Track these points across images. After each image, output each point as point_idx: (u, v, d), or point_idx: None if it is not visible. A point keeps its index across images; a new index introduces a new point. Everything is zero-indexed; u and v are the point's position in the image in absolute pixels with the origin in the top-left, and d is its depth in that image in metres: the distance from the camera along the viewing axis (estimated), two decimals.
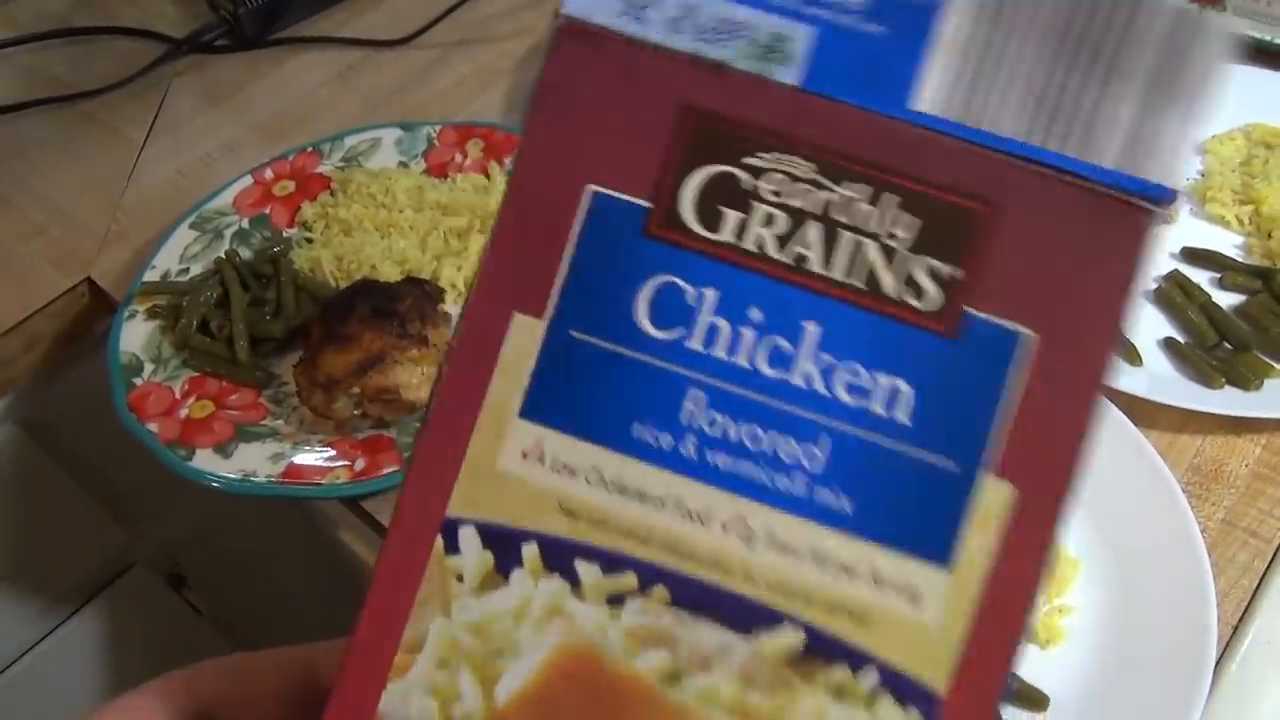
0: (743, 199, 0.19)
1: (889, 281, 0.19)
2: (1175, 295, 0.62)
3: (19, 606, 0.83)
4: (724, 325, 0.19)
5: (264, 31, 0.90)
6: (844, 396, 0.19)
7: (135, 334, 0.63)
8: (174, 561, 0.91)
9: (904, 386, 0.19)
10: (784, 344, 0.19)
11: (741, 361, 0.19)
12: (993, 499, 0.19)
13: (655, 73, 0.19)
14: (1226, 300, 0.62)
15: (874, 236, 0.19)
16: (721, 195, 0.19)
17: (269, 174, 0.73)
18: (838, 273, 0.19)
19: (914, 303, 0.19)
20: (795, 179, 0.19)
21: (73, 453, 0.80)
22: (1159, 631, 0.48)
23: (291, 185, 0.72)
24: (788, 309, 0.19)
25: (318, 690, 0.22)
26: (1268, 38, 0.76)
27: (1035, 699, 0.48)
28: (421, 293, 0.60)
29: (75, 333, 0.72)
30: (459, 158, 0.73)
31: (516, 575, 0.20)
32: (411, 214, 0.69)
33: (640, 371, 0.19)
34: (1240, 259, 0.65)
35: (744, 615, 0.19)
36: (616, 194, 0.19)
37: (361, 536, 0.65)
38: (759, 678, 0.19)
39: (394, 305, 0.59)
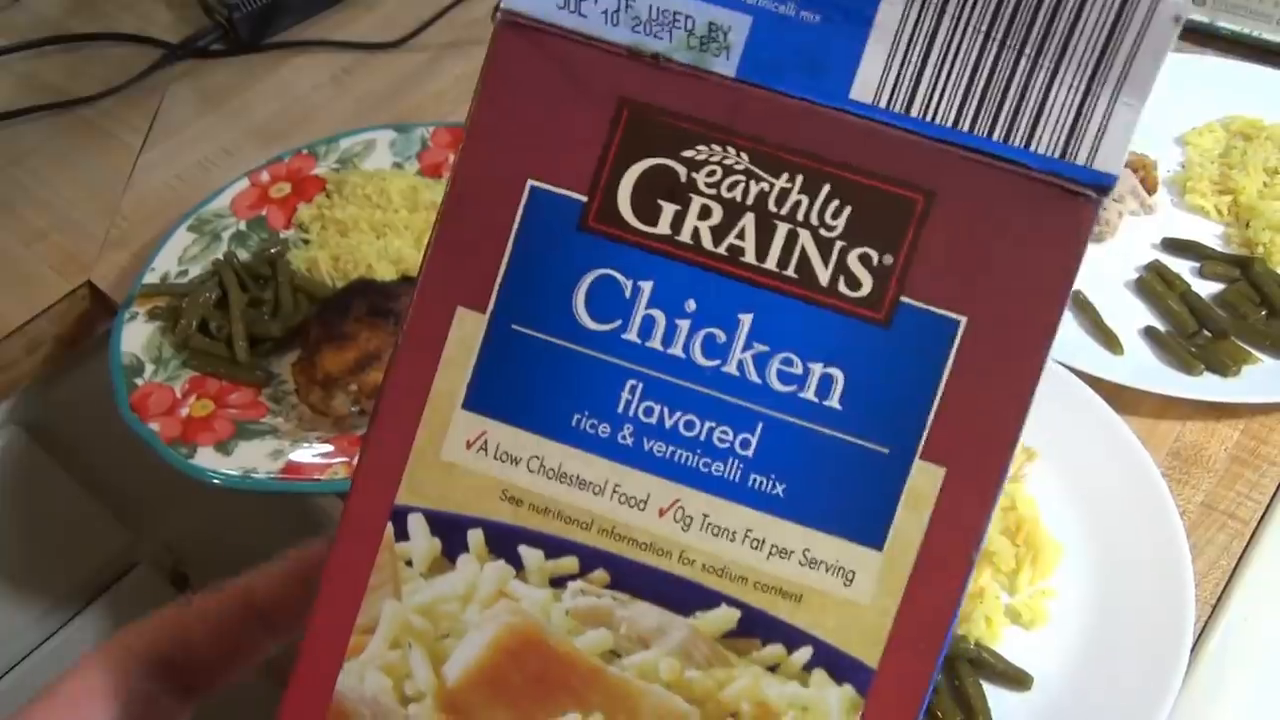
0: (679, 192, 0.19)
1: (822, 271, 0.19)
2: (1156, 284, 0.63)
3: (24, 608, 0.84)
4: (660, 317, 0.20)
5: (258, 36, 0.91)
6: (777, 385, 0.20)
7: (136, 335, 0.64)
8: (177, 560, 0.92)
9: (837, 374, 0.19)
10: (719, 334, 0.20)
11: (677, 352, 0.20)
12: (924, 482, 0.19)
13: (593, 66, 0.19)
14: (1206, 289, 0.63)
15: (808, 226, 0.19)
16: (658, 188, 0.20)
17: (265, 176, 0.74)
18: (772, 263, 0.19)
19: (848, 291, 0.19)
20: (731, 171, 0.19)
21: (75, 454, 0.81)
22: (1139, 612, 0.50)
23: (288, 187, 0.73)
24: (722, 300, 0.20)
25: (257, 613, 0.24)
26: (1246, 30, 0.77)
27: (1019, 679, 0.49)
28: None
29: (76, 335, 0.74)
30: (453, 158, 0.74)
31: (463, 560, 0.20)
32: (406, 214, 0.70)
33: (579, 363, 0.20)
34: (1219, 248, 0.66)
35: (681, 596, 0.20)
36: (555, 188, 0.20)
37: None
38: (696, 655, 0.20)
39: (390, 304, 0.60)
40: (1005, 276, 0.19)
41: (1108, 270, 0.65)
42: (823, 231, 0.19)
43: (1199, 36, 0.79)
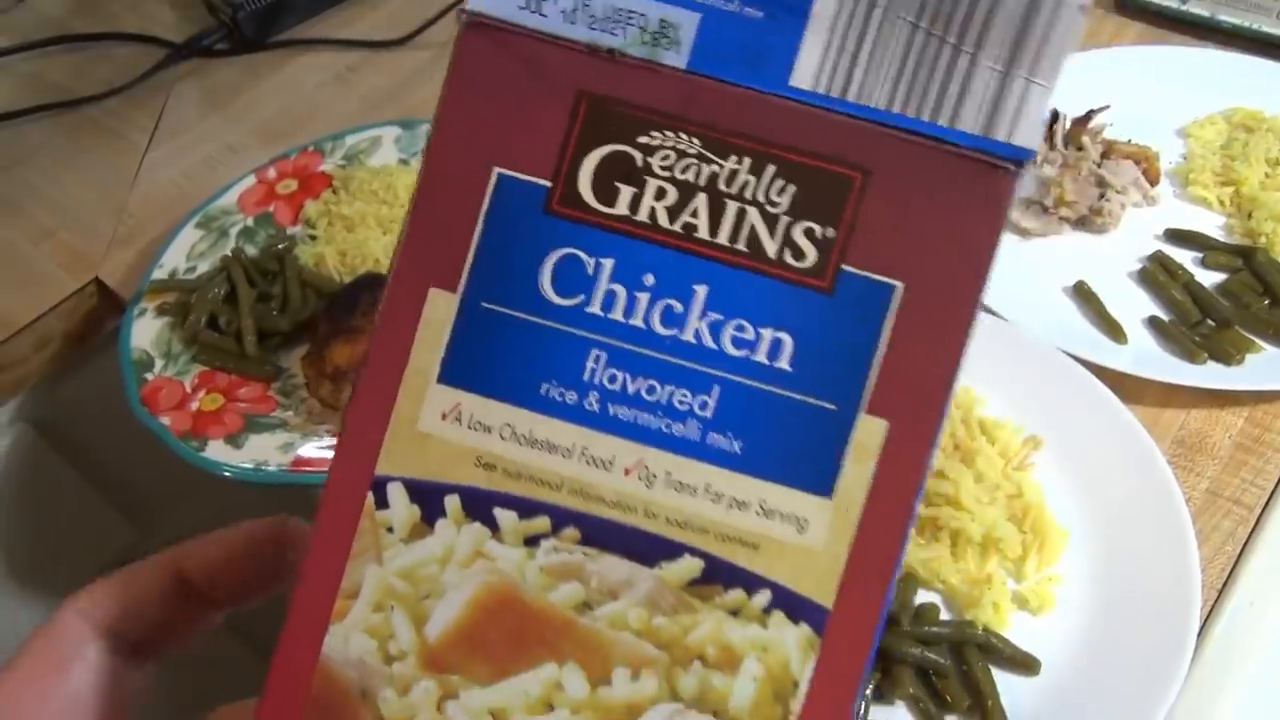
0: (636, 175, 0.21)
1: (770, 244, 0.21)
2: (1159, 274, 0.64)
3: (31, 604, 0.85)
4: (621, 291, 0.21)
5: (262, 35, 0.91)
6: (731, 349, 0.21)
7: (145, 331, 0.64)
8: None
9: (786, 338, 0.21)
10: (676, 305, 0.21)
11: (637, 322, 0.21)
12: (868, 434, 0.21)
13: (553, 61, 0.21)
14: (1209, 279, 0.64)
15: (756, 204, 0.21)
16: (616, 173, 0.21)
17: (272, 173, 0.74)
18: (723, 238, 0.21)
19: (793, 262, 0.21)
20: (683, 154, 0.21)
21: (83, 451, 0.81)
22: (1146, 597, 0.50)
23: (294, 184, 0.74)
24: (678, 273, 0.21)
25: (191, 585, 0.25)
26: (1246, 24, 0.78)
27: (1027, 664, 0.49)
28: None
29: (84, 332, 0.74)
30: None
31: (441, 524, 0.22)
32: None
33: (546, 336, 0.21)
34: (1222, 239, 0.66)
35: (647, 548, 0.21)
36: (520, 175, 0.21)
37: None
38: (663, 603, 0.21)
39: None
40: (937, 244, 0.21)
41: (1111, 261, 0.66)
42: (769, 208, 0.21)
43: (1200, 30, 0.80)
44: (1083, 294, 0.63)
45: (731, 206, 0.21)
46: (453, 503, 0.22)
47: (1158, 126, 0.73)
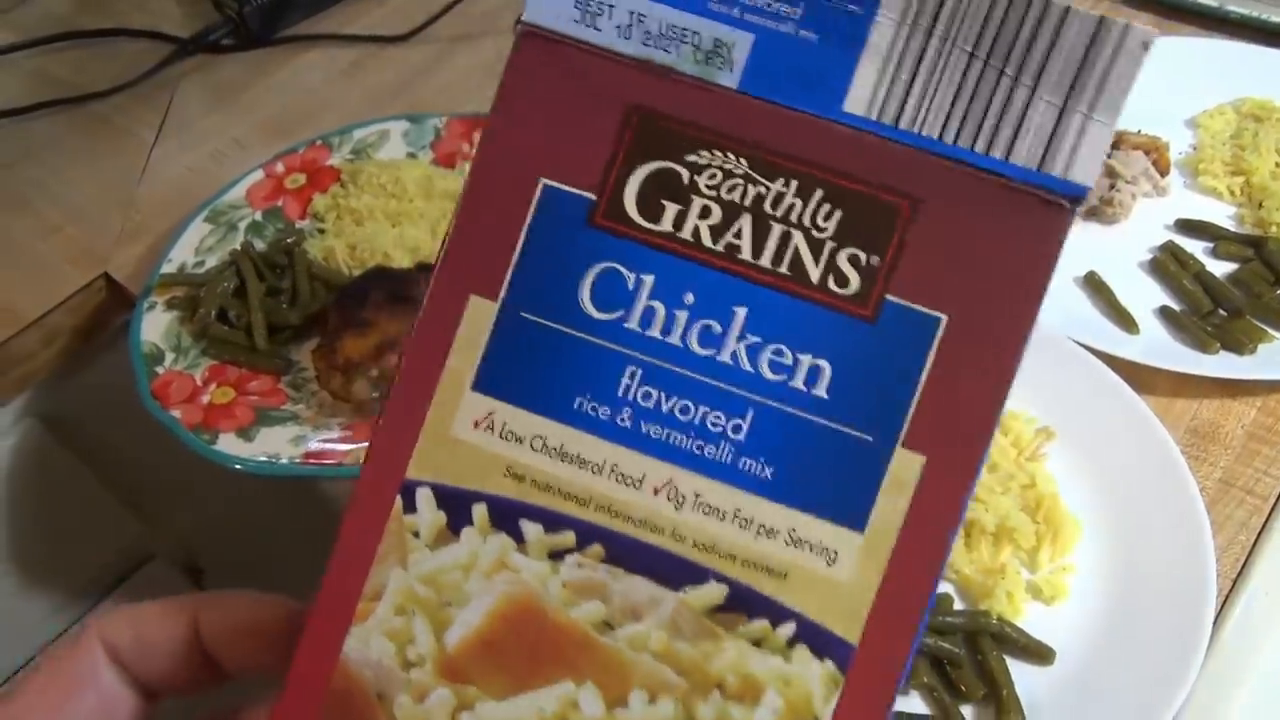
0: (682, 193, 0.21)
1: (813, 269, 0.21)
2: (1170, 265, 0.64)
3: (39, 600, 0.85)
4: (660, 308, 0.21)
5: (269, 30, 0.91)
6: (768, 374, 0.21)
7: (155, 324, 0.64)
8: (192, 554, 0.92)
9: (825, 365, 0.21)
10: (715, 325, 0.21)
11: (675, 341, 0.21)
12: (905, 468, 0.21)
13: (605, 75, 0.21)
14: (1220, 269, 0.64)
15: (801, 228, 0.21)
16: (662, 189, 0.21)
17: (280, 167, 0.74)
18: (766, 261, 0.21)
19: (836, 289, 0.21)
20: (730, 174, 0.21)
21: (92, 446, 0.81)
22: (1160, 587, 0.50)
23: (302, 178, 0.74)
24: (719, 294, 0.21)
25: (203, 648, 0.24)
26: (1255, 14, 0.78)
27: (1041, 653, 0.49)
28: None
29: (93, 327, 0.74)
30: (466, 148, 0.74)
31: (467, 533, 0.22)
32: (421, 203, 0.70)
33: (583, 349, 0.21)
34: (1232, 229, 0.66)
35: (672, 570, 0.21)
36: (566, 187, 0.21)
37: None
38: (685, 627, 0.21)
39: (408, 290, 0.60)
40: (985, 278, 0.20)
41: (1122, 251, 0.66)
42: (814, 233, 0.21)
43: (1209, 20, 0.79)
44: (1094, 284, 0.63)
45: (776, 229, 0.21)
46: (480, 511, 0.22)
47: (1167, 117, 0.73)
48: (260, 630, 0.24)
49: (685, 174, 0.21)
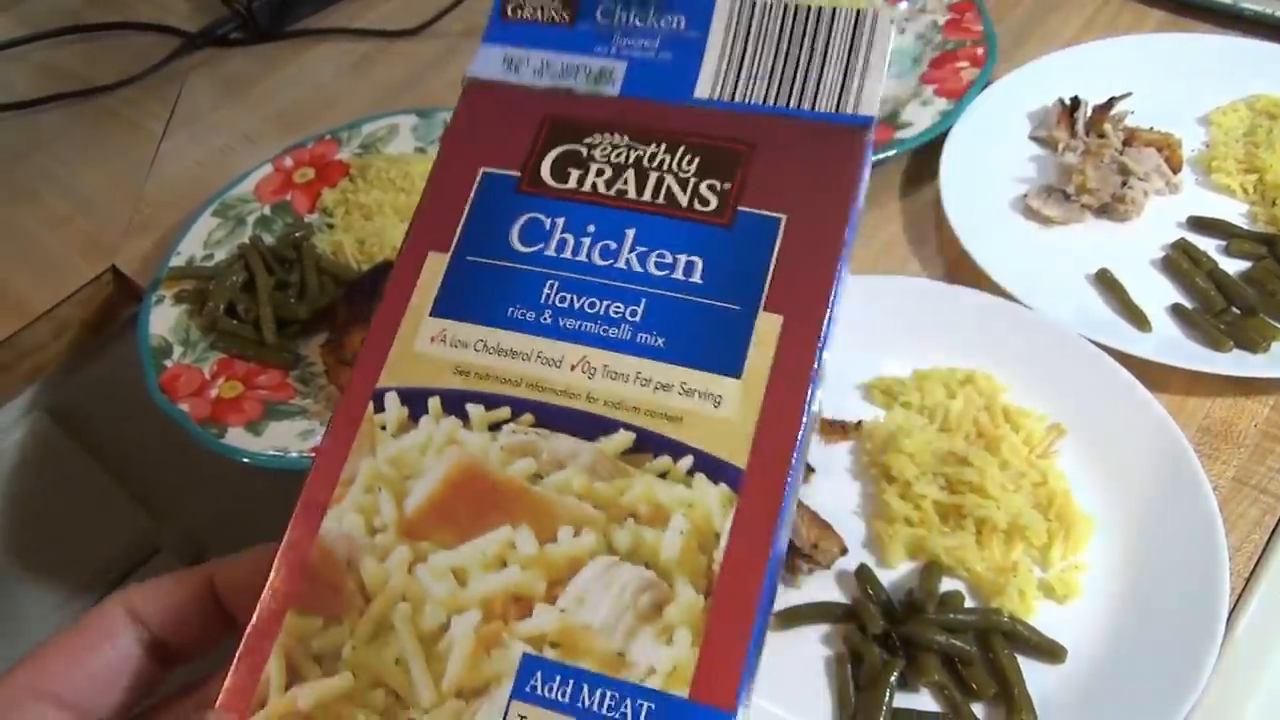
0: (582, 162, 0.28)
1: (682, 197, 0.28)
2: (1182, 262, 0.63)
3: (46, 592, 0.85)
4: (570, 238, 0.28)
5: (277, 24, 0.91)
6: (655, 271, 0.27)
7: (163, 318, 0.64)
8: (199, 548, 0.92)
9: (698, 260, 0.27)
10: (611, 244, 0.27)
11: (582, 258, 0.27)
12: (767, 326, 0.26)
13: (526, 101, 0.29)
14: (1233, 267, 0.63)
15: (671, 172, 0.28)
16: (568, 162, 0.28)
17: (289, 162, 0.74)
18: (647, 196, 0.28)
19: (701, 208, 0.27)
20: (616, 146, 0.28)
21: (100, 439, 0.81)
22: (1173, 586, 0.50)
23: (311, 172, 0.73)
24: (613, 222, 0.28)
25: (217, 598, 0.27)
26: (1268, 10, 0.77)
27: (1053, 651, 0.49)
28: None
29: (101, 320, 0.74)
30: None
31: (424, 420, 0.26)
32: None
33: (513, 275, 0.27)
34: (1245, 226, 0.66)
35: (589, 426, 0.26)
36: (499, 171, 0.29)
37: None
38: (601, 470, 0.25)
39: None
40: (810, 187, 0.27)
41: (1134, 248, 0.65)
42: (680, 174, 0.28)
43: (1223, 17, 0.79)
44: (1105, 282, 0.63)
45: (653, 175, 0.28)
46: (434, 402, 0.26)
47: (1180, 114, 0.72)
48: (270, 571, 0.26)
49: (584, 150, 0.28)
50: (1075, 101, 0.71)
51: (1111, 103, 0.71)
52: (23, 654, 0.26)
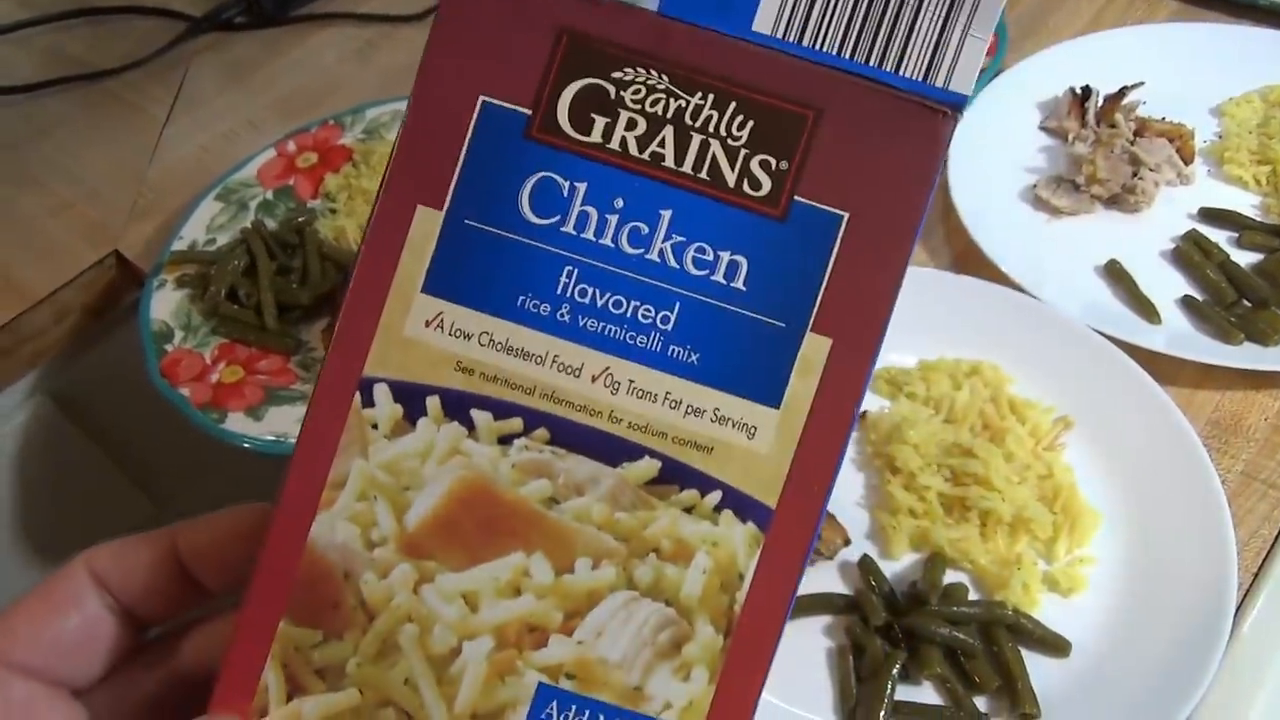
0: (610, 107, 0.23)
1: (730, 174, 0.23)
2: (1194, 254, 0.63)
3: (47, 576, 0.84)
4: (593, 212, 0.23)
5: (282, 9, 0.90)
6: (692, 269, 0.23)
7: (165, 302, 0.64)
8: None
9: (742, 260, 0.23)
10: (643, 227, 0.23)
11: (607, 242, 0.23)
12: (814, 351, 0.23)
13: (537, 1, 0.23)
14: (1244, 259, 0.62)
15: (718, 137, 0.23)
16: (592, 104, 0.23)
17: (292, 147, 0.73)
18: (688, 167, 0.23)
19: (751, 191, 0.23)
20: (653, 90, 0.23)
21: (101, 424, 0.81)
22: (1180, 580, 0.49)
23: (314, 157, 0.73)
24: (646, 198, 0.23)
25: (183, 564, 0.26)
26: None
27: (1057, 645, 0.48)
28: None
29: (103, 305, 0.73)
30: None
31: (422, 423, 0.23)
32: None
33: (523, 252, 0.23)
34: (1258, 218, 0.65)
35: (611, 449, 0.23)
36: (503, 103, 0.23)
37: None
38: (623, 500, 0.23)
39: None
40: (880, 179, 0.23)
41: (1144, 240, 0.65)
42: (730, 141, 0.23)
43: (1237, 7, 0.78)
44: (1115, 273, 0.62)
45: (696, 138, 0.23)
46: (433, 403, 0.23)
47: (1192, 104, 0.71)
48: (238, 536, 0.25)
49: (612, 89, 0.23)
50: (1086, 91, 0.70)
51: (1123, 92, 0.70)
52: None
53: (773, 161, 0.23)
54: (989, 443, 0.54)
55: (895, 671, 0.47)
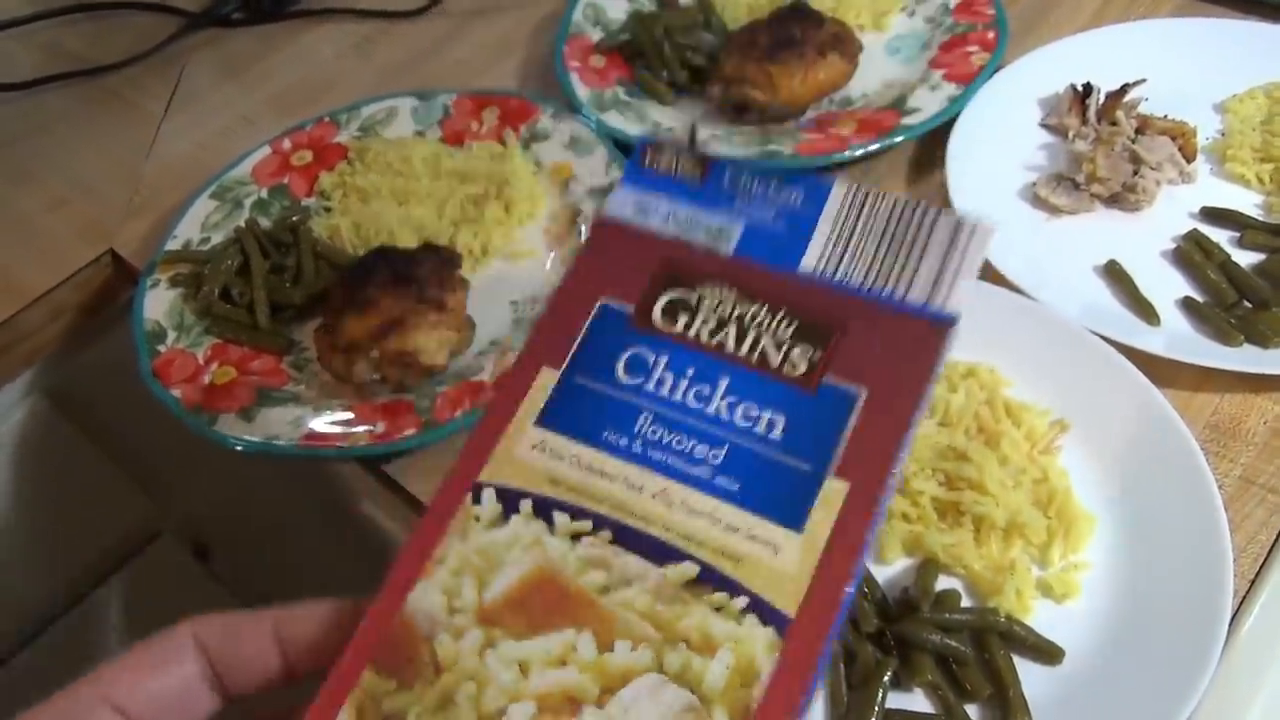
0: (690, 309, 0.31)
1: (775, 358, 0.30)
2: (1194, 254, 0.62)
3: (47, 576, 0.85)
4: (669, 377, 0.30)
5: (279, 5, 0.90)
6: (740, 421, 0.29)
7: (158, 301, 0.64)
8: (199, 533, 0.92)
9: (780, 419, 0.29)
10: (705, 389, 0.30)
11: (678, 398, 0.30)
12: (833, 491, 0.28)
13: (649, 244, 0.32)
14: (1246, 259, 0.62)
15: (769, 333, 0.30)
16: (678, 306, 0.31)
17: (287, 144, 0.73)
18: (744, 352, 0.30)
19: (789, 371, 0.30)
20: (723, 301, 0.31)
21: (98, 423, 0.81)
22: (1175, 586, 0.48)
23: (309, 155, 0.73)
24: (710, 370, 0.30)
25: (279, 648, 0.28)
26: None
27: (1050, 652, 0.48)
28: (439, 259, 0.61)
29: (99, 304, 0.73)
30: (475, 126, 0.73)
31: (514, 519, 0.29)
32: (428, 182, 0.69)
33: (614, 401, 0.30)
34: (1260, 218, 0.64)
35: (659, 552, 0.28)
36: (615, 304, 0.31)
37: (382, 507, 0.66)
38: (664, 594, 0.27)
39: (413, 271, 0.59)
40: (890, 369, 0.29)
41: (1144, 239, 0.64)
42: (777, 337, 0.30)
43: (1241, 2, 0.77)
44: (1114, 274, 0.62)
45: (751, 333, 0.30)
46: (526, 504, 0.29)
47: (1195, 101, 0.70)
48: (334, 628, 0.28)
49: (694, 299, 0.31)
50: (1087, 88, 0.70)
51: (1125, 89, 0.69)
52: (23, 636, 0.26)
53: (810, 351, 0.30)
54: (983, 446, 0.53)
55: (886, 679, 0.47)
